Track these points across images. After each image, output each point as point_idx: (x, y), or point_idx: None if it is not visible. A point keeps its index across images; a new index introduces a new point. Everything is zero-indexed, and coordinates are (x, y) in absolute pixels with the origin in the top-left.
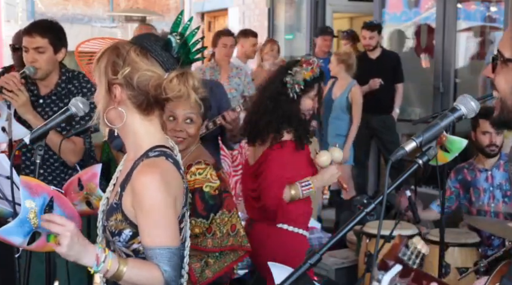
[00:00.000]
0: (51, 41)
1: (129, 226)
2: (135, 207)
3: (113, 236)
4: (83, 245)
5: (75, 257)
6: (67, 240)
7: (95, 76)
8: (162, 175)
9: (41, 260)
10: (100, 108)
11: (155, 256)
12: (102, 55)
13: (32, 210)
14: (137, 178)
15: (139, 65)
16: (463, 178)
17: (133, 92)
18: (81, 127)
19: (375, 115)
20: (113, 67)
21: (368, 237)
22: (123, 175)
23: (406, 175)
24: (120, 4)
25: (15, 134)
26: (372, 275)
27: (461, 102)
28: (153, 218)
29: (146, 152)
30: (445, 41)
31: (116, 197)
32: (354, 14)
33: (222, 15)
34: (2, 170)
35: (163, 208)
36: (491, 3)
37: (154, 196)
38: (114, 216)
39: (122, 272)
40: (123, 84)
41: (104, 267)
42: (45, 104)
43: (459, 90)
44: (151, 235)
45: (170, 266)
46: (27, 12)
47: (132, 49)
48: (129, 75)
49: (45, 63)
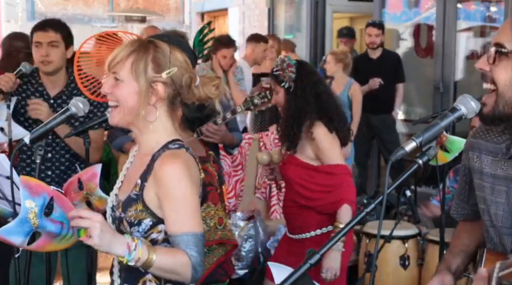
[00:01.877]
0: (63, 37)
1: (150, 216)
2: (160, 196)
3: (131, 226)
4: (113, 235)
5: (107, 247)
6: (97, 231)
7: (121, 74)
8: (185, 164)
9: (42, 260)
10: (134, 105)
11: (183, 242)
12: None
13: (32, 210)
14: (161, 168)
15: (183, 65)
16: None
17: (175, 91)
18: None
19: (375, 114)
20: (156, 66)
21: (368, 237)
22: (138, 169)
23: (406, 175)
24: (120, 4)
25: (14, 134)
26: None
27: (461, 102)
28: (179, 205)
29: (166, 145)
30: (445, 41)
31: (135, 189)
32: (354, 14)
33: (222, 15)
34: (2, 170)
35: (188, 195)
36: (491, 3)
37: (179, 184)
38: (134, 207)
39: (152, 259)
40: (168, 82)
41: (136, 255)
42: (56, 104)
43: (459, 90)
44: (178, 221)
45: (197, 251)
46: (27, 12)
47: (173, 48)
48: (176, 75)
49: (57, 58)
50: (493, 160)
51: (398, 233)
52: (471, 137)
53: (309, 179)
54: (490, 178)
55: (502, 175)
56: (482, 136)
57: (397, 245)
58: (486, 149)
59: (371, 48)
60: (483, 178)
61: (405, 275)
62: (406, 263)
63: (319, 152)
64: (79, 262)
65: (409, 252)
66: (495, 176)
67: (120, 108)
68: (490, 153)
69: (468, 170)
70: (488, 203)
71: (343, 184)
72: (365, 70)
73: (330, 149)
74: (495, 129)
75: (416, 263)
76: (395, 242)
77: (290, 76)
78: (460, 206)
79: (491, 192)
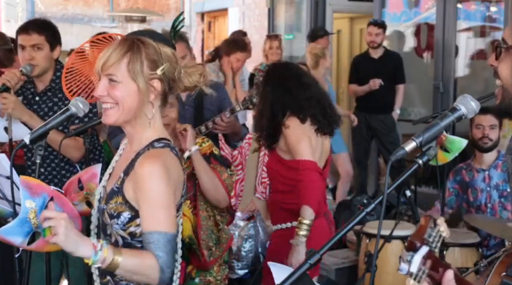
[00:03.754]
0: (47, 39)
1: (128, 209)
2: (137, 193)
3: (111, 219)
4: (78, 235)
5: (73, 247)
6: (62, 228)
7: (117, 75)
8: (164, 164)
9: (44, 259)
10: (133, 104)
11: (153, 241)
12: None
13: (32, 210)
14: (141, 166)
15: (172, 59)
16: (461, 178)
17: (169, 85)
18: (82, 127)
19: (375, 115)
20: (150, 64)
21: (368, 237)
22: (123, 163)
23: (406, 175)
24: (120, 4)
25: (16, 134)
26: (401, 256)
27: (461, 102)
28: (152, 204)
29: (152, 143)
30: (445, 41)
31: (117, 182)
32: (354, 14)
33: (222, 15)
34: (2, 170)
35: (163, 196)
36: (491, 3)
37: (155, 183)
38: (115, 199)
39: (118, 261)
40: (162, 78)
41: (101, 256)
42: (41, 101)
43: (459, 90)
44: (150, 219)
45: (165, 251)
46: (27, 12)
47: (161, 45)
48: (168, 69)
49: (42, 61)
50: None
51: (398, 233)
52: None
53: (279, 172)
54: None
55: None
56: None
57: (397, 245)
58: None
59: (371, 47)
60: None
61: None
62: None
63: (289, 146)
64: (79, 262)
65: None
66: None
67: (118, 107)
68: None
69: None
70: None
71: (305, 179)
72: (365, 70)
73: (297, 144)
74: None
75: None
76: (395, 242)
77: (260, 80)
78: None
79: None
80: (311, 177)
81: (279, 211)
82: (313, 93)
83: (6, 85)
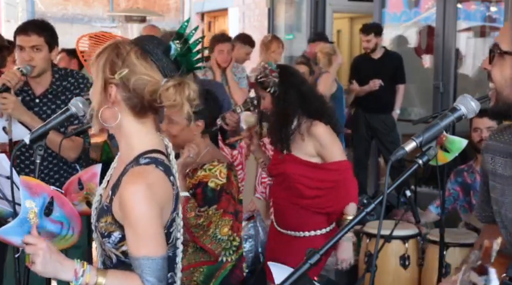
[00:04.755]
0: (46, 40)
1: (119, 229)
2: (122, 215)
3: (102, 237)
4: (58, 261)
5: (53, 274)
6: (40, 258)
7: (92, 72)
8: (148, 186)
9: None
10: (94, 104)
11: (139, 266)
12: (102, 52)
13: (32, 210)
14: (124, 187)
15: (137, 68)
16: (463, 181)
17: (129, 94)
18: (81, 127)
19: (375, 115)
20: (111, 66)
21: (368, 237)
22: (117, 173)
23: (406, 175)
24: (120, 4)
25: (16, 134)
26: (474, 283)
27: (461, 102)
28: (137, 229)
29: (137, 158)
30: (445, 40)
31: (107, 200)
32: (354, 14)
33: (222, 15)
34: (2, 170)
35: (148, 219)
36: (491, 3)
37: (138, 207)
38: (105, 218)
39: (101, 283)
40: (120, 84)
41: (83, 281)
42: (42, 103)
43: (459, 90)
44: (135, 245)
45: (154, 276)
46: (27, 12)
47: (133, 51)
48: (126, 76)
49: (41, 62)
50: (504, 161)
51: (398, 233)
52: (488, 139)
53: (311, 176)
54: (502, 179)
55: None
56: (497, 138)
57: (397, 245)
58: (499, 151)
59: (366, 53)
60: (496, 180)
61: (405, 275)
62: (406, 263)
63: (322, 150)
64: None
65: (409, 252)
66: (506, 177)
67: (90, 107)
68: (502, 154)
69: (485, 173)
70: (500, 205)
71: (348, 178)
72: (366, 70)
73: (333, 146)
74: (509, 131)
75: (416, 263)
76: (395, 242)
77: (274, 81)
78: (482, 208)
79: (502, 193)
80: (352, 175)
81: (314, 216)
82: (322, 98)
83: (6, 85)
